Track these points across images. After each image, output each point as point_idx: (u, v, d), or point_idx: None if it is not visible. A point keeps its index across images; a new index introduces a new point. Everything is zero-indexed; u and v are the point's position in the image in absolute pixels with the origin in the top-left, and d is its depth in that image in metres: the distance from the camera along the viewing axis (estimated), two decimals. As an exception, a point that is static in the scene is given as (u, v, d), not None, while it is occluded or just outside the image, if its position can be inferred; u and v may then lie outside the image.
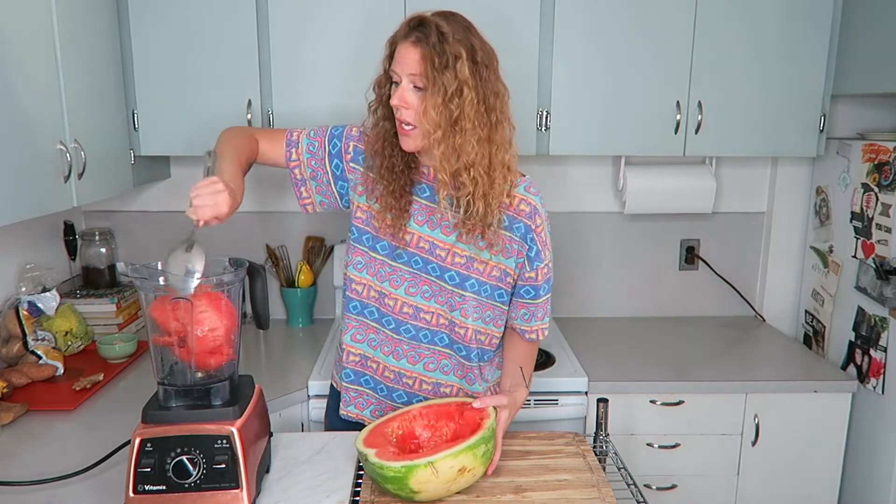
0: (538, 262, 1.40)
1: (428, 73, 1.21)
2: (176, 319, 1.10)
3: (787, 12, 2.03)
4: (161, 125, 2.00)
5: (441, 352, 1.41)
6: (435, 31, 1.21)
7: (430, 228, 1.36)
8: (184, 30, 1.95)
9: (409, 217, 1.35)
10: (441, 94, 1.21)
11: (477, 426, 1.22)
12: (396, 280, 1.37)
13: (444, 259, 1.36)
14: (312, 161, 1.42)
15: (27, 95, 1.47)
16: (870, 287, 1.99)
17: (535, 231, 1.38)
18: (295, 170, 1.43)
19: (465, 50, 1.22)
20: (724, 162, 2.42)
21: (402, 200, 1.34)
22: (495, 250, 1.35)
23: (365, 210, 1.39)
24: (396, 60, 1.26)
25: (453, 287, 1.36)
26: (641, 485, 1.44)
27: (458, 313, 1.38)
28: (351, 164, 1.41)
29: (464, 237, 1.33)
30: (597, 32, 2.01)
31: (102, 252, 2.28)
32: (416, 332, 1.39)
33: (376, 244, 1.38)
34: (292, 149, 1.42)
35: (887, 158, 1.93)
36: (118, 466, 1.29)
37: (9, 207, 1.40)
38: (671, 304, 2.52)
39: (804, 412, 1.97)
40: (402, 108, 1.26)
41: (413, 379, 1.42)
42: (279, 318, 2.40)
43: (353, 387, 1.46)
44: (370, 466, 1.15)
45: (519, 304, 1.44)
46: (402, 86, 1.25)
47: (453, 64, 1.21)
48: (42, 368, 1.78)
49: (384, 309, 1.39)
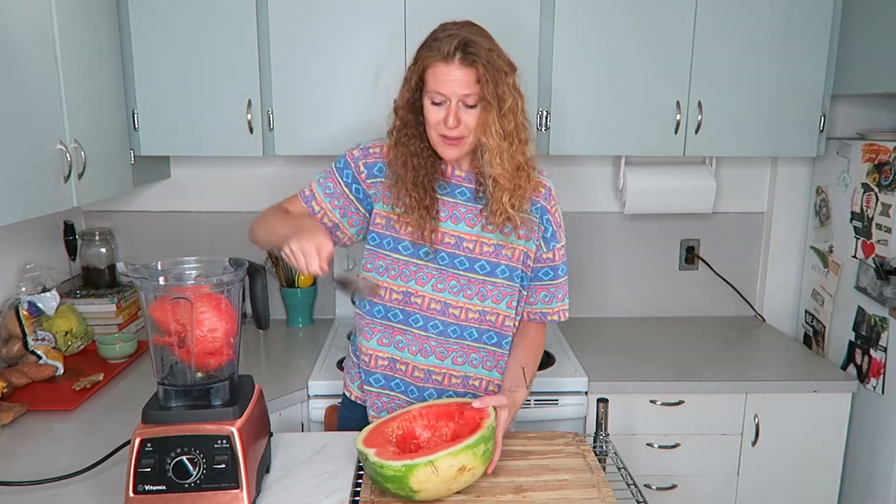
0: (555, 243, 1.46)
1: (487, 91, 1.26)
2: (176, 320, 1.10)
3: (787, 12, 2.03)
4: (161, 125, 2.00)
5: (469, 346, 1.43)
6: (484, 49, 1.26)
7: (453, 223, 1.39)
8: (184, 30, 1.95)
9: (437, 218, 1.38)
10: (498, 110, 1.27)
11: (477, 426, 1.22)
12: (423, 278, 1.39)
13: (472, 251, 1.39)
14: (335, 201, 1.42)
15: (27, 95, 1.47)
16: (870, 287, 1.99)
17: (550, 212, 1.45)
18: (323, 219, 1.43)
19: (505, 63, 1.29)
20: (724, 162, 2.42)
21: (432, 208, 1.37)
22: (521, 233, 1.40)
23: (383, 216, 1.41)
24: (441, 81, 1.27)
25: (484, 276, 1.40)
26: (641, 485, 1.43)
27: (489, 301, 1.41)
28: (367, 181, 1.42)
29: (489, 226, 1.39)
30: (597, 32, 2.01)
31: (102, 252, 2.28)
32: (445, 327, 1.41)
33: (398, 245, 1.39)
34: (311, 202, 1.43)
35: (887, 158, 1.93)
36: (118, 466, 1.28)
37: (9, 207, 1.40)
38: (671, 304, 2.52)
39: (804, 412, 1.97)
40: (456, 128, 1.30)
41: (443, 375, 1.43)
42: (279, 318, 2.40)
43: (384, 392, 1.45)
44: (370, 466, 1.15)
45: (538, 287, 1.47)
46: (452, 106, 1.28)
47: (504, 79, 1.28)
48: (42, 368, 1.78)
49: (411, 308, 1.40)
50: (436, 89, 1.28)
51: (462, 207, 1.40)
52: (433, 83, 1.28)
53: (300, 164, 2.34)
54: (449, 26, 1.30)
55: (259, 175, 2.37)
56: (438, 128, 1.31)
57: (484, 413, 1.25)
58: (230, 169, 2.37)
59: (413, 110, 1.34)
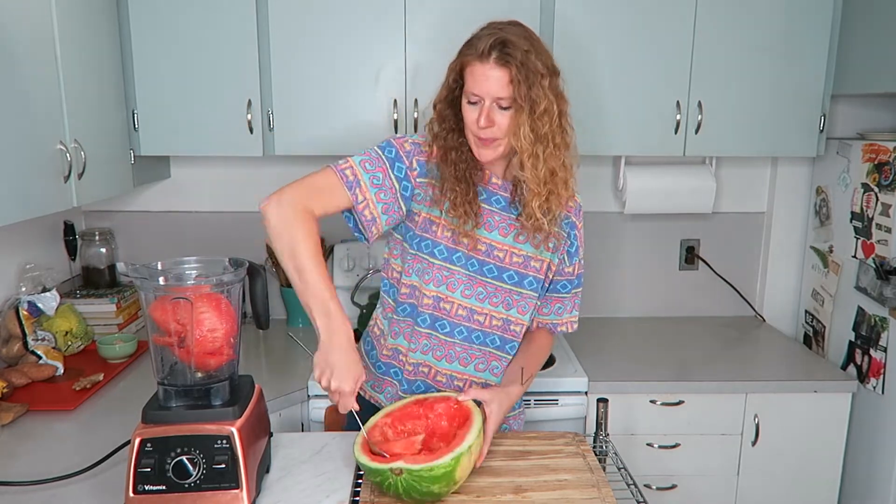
0: (576, 258, 1.47)
1: (519, 93, 1.23)
2: (176, 320, 1.10)
3: (787, 12, 2.03)
4: (161, 125, 2.00)
5: (492, 353, 1.43)
6: (520, 50, 1.22)
7: (487, 231, 1.37)
8: (184, 30, 1.95)
9: (480, 223, 1.36)
10: (530, 112, 1.24)
11: (453, 415, 1.24)
12: (454, 283, 1.38)
13: (502, 260, 1.38)
14: (381, 194, 1.32)
15: (27, 95, 1.47)
16: (870, 287, 1.99)
17: (578, 228, 1.46)
18: (364, 211, 1.31)
19: (544, 65, 1.25)
20: (724, 162, 2.42)
21: (474, 207, 1.34)
22: (551, 247, 1.40)
23: (424, 217, 1.37)
24: (477, 81, 1.25)
25: (511, 286, 1.40)
26: (641, 485, 1.43)
27: (514, 311, 1.41)
28: (418, 179, 1.36)
29: (521, 237, 1.38)
30: (597, 32, 2.01)
31: (102, 252, 2.28)
32: (469, 333, 1.40)
33: (434, 249, 1.37)
34: (356, 190, 1.31)
35: (887, 158, 1.93)
36: (118, 466, 1.28)
37: (9, 207, 1.40)
38: (671, 304, 2.52)
39: (804, 412, 1.97)
40: (489, 128, 1.27)
41: (464, 381, 1.43)
42: (279, 318, 2.40)
43: (405, 395, 1.44)
44: (412, 477, 1.10)
45: (553, 298, 1.48)
46: (486, 106, 1.26)
47: (539, 82, 1.23)
48: (42, 368, 1.78)
49: (439, 313, 1.39)
50: (471, 89, 1.26)
51: (497, 216, 1.38)
52: (470, 82, 1.26)
53: (300, 164, 2.33)
54: (493, 24, 1.27)
55: (259, 175, 2.36)
56: (473, 128, 1.29)
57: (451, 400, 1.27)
58: (230, 169, 2.37)
59: (452, 106, 1.33)
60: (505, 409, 1.34)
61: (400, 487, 1.11)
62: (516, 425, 1.56)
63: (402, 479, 1.10)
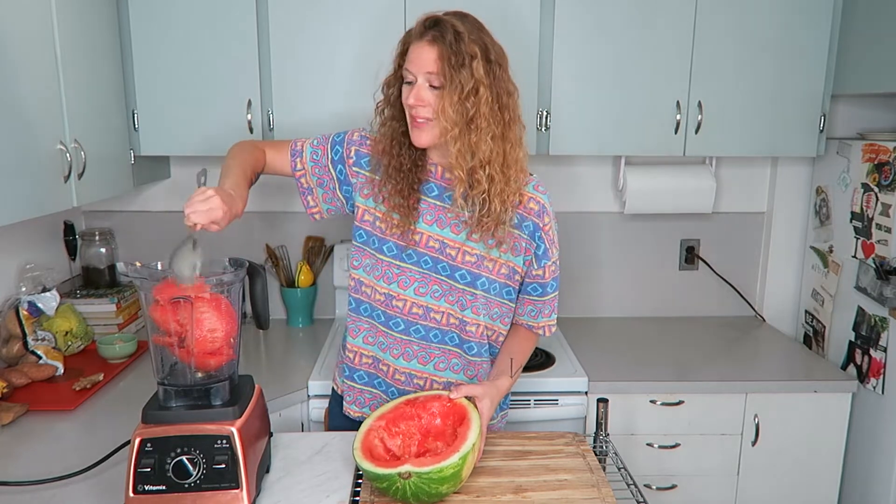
0: (545, 261, 1.42)
1: (445, 71, 1.24)
2: (176, 320, 1.10)
3: (787, 12, 2.03)
4: (161, 125, 2.00)
5: (451, 351, 1.42)
6: (451, 30, 1.24)
7: (439, 227, 1.37)
8: (184, 30, 1.95)
9: (417, 216, 1.36)
10: (458, 92, 1.24)
11: (447, 413, 1.25)
12: (405, 281, 1.38)
13: (454, 258, 1.37)
14: (317, 169, 1.44)
15: (27, 95, 1.47)
16: (870, 287, 1.99)
17: (543, 229, 1.41)
18: (301, 179, 1.45)
19: (479, 49, 1.25)
20: (724, 162, 2.42)
21: (410, 199, 1.35)
22: (504, 248, 1.37)
23: (371, 213, 1.40)
24: (411, 60, 1.28)
25: (464, 286, 1.38)
26: (641, 485, 1.44)
27: (469, 311, 1.39)
28: (353, 168, 1.42)
29: (474, 235, 1.35)
30: (597, 32, 2.01)
31: (102, 252, 2.28)
32: (427, 332, 1.40)
33: (383, 246, 1.38)
34: (297, 158, 1.45)
35: (887, 158, 1.93)
36: (118, 466, 1.29)
37: (9, 207, 1.40)
38: (671, 304, 2.52)
39: (804, 412, 1.97)
40: (419, 107, 1.27)
41: (424, 379, 1.42)
42: (279, 318, 2.40)
43: (366, 388, 1.46)
44: (421, 480, 1.09)
45: (526, 300, 1.46)
46: (418, 84, 1.27)
47: (469, 63, 1.24)
48: (42, 368, 1.78)
49: (392, 311, 1.39)
50: (407, 66, 1.28)
51: (449, 212, 1.37)
52: (407, 61, 1.29)
53: (300, 164, 2.34)
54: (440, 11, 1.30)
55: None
56: (406, 107, 1.30)
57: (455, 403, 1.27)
58: (230, 169, 2.36)
59: (397, 89, 1.34)
60: (495, 404, 1.34)
61: (408, 491, 1.10)
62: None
63: (411, 483, 1.09)
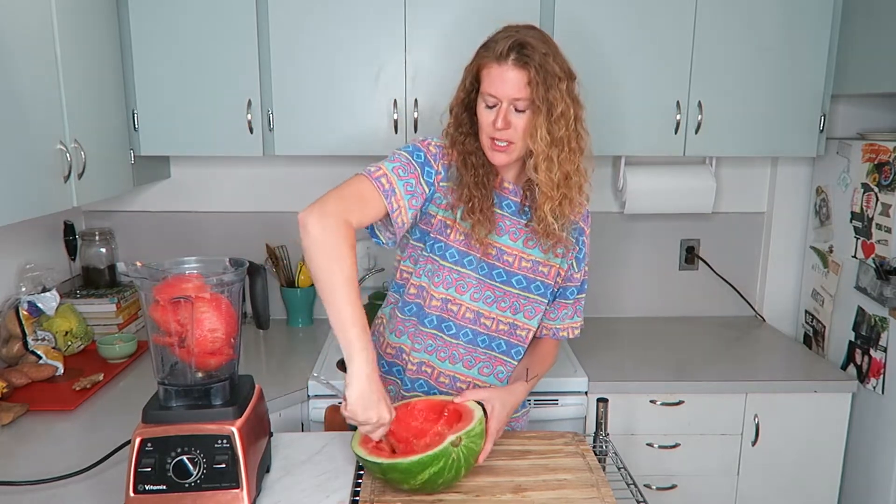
0: (584, 263, 1.47)
1: (537, 95, 1.23)
2: (176, 320, 1.10)
3: (787, 12, 2.03)
4: (161, 125, 2.00)
5: (497, 357, 1.43)
6: (537, 52, 1.23)
7: (497, 235, 1.37)
8: (184, 30, 1.95)
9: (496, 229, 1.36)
10: (547, 115, 1.24)
11: (452, 416, 1.25)
12: (463, 286, 1.38)
13: (511, 264, 1.39)
14: (413, 200, 1.29)
15: (27, 95, 1.47)
16: (870, 287, 1.99)
17: (586, 233, 1.47)
18: (397, 219, 1.28)
19: (561, 69, 1.26)
20: (724, 162, 2.42)
21: (490, 213, 1.34)
22: (559, 253, 1.40)
23: (439, 219, 1.36)
24: (493, 83, 1.25)
25: (520, 290, 1.40)
26: (641, 485, 1.43)
27: (521, 315, 1.41)
28: (442, 184, 1.36)
29: (530, 242, 1.38)
30: (597, 32, 2.01)
31: (102, 252, 2.28)
32: (475, 336, 1.40)
33: (446, 252, 1.37)
34: (392, 199, 1.27)
35: (887, 158, 1.93)
36: (118, 466, 1.29)
37: (9, 207, 1.40)
38: (671, 304, 2.52)
39: (804, 412, 1.97)
40: (504, 130, 1.26)
41: (467, 383, 1.42)
42: (279, 318, 2.40)
43: (407, 394, 1.45)
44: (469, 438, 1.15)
45: (561, 304, 1.48)
46: (502, 108, 1.25)
47: (557, 84, 1.24)
48: (42, 368, 1.78)
49: (446, 315, 1.39)
50: (488, 91, 1.26)
51: (507, 220, 1.38)
52: (487, 84, 1.26)
53: (300, 164, 2.34)
54: (510, 28, 1.28)
55: (259, 175, 2.37)
56: (489, 130, 1.28)
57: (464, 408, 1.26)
58: (230, 169, 2.37)
59: (468, 109, 1.33)
60: (509, 407, 1.34)
61: (461, 458, 1.14)
62: (519, 427, 1.55)
63: (463, 448, 1.14)
